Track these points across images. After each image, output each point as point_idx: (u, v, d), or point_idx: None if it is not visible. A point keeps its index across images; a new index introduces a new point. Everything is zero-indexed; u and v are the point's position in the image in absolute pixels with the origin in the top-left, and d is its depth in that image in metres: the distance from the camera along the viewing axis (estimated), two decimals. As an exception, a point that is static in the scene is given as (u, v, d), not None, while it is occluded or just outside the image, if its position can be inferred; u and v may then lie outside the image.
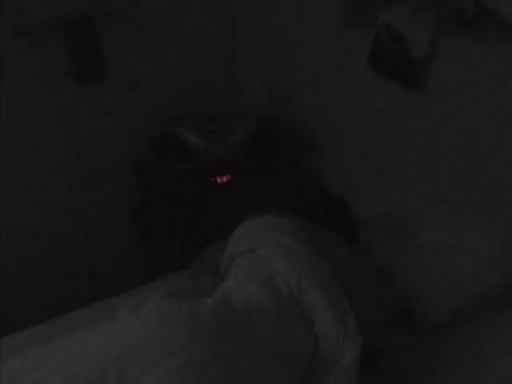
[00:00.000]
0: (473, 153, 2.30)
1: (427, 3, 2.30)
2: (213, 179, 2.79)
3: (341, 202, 2.20)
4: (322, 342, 1.65)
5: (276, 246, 1.89)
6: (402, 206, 2.32)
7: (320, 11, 2.71)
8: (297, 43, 2.90)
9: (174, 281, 2.23)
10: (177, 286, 1.96)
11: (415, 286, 1.94)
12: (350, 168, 2.81)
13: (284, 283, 1.76)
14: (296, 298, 1.73)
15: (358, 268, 1.86)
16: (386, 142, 2.62)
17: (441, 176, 2.42)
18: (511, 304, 1.96)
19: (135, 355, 1.52)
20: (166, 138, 2.80)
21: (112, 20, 2.66)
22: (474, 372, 1.72)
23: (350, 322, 1.63)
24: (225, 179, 2.78)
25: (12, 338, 1.98)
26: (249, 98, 3.25)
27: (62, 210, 2.80)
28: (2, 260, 2.65)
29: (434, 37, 2.30)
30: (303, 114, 2.99)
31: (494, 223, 2.15)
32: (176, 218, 2.79)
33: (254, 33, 3.13)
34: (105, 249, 2.92)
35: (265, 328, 1.64)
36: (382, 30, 2.46)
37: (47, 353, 1.71)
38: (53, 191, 2.75)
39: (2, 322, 2.23)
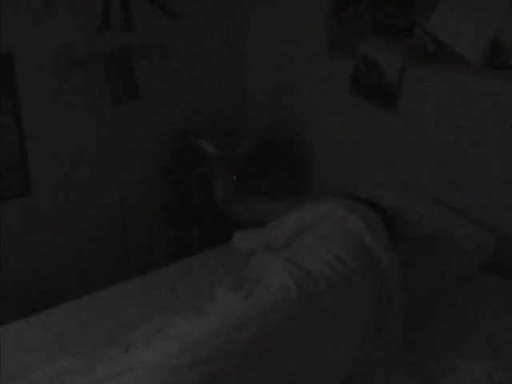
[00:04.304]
0: (433, 157, 2.57)
1: (397, 38, 2.56)
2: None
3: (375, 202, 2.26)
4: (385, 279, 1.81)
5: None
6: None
7: (313, 46, 2.94)
8: (294, 71, 3.09)
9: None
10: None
11: None
12: (336, 172, 3.00)
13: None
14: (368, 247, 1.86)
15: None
16: (366, 151, 2.84)
17: (410, 175, 2.66)
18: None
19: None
20: (187, 147, 2.98)
21: (143, 51, 2.85)
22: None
23: None
24: (233, 181, 2.77)
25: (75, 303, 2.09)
26: (254, 116, 3.39)
27: (104, 205, 2.95)
28: (57, 248, 2.83)
29: (403, 66, 2.57)
30: (298, 129, 3.15)
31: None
32: (195, 212, 2.99)
33: (259, 63, 3.28)
34: (138, 236, 3.05)
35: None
36: (361, 61, 2.70)
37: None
38: (96, 189, 2.91)
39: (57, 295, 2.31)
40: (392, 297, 1.83)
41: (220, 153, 2.91)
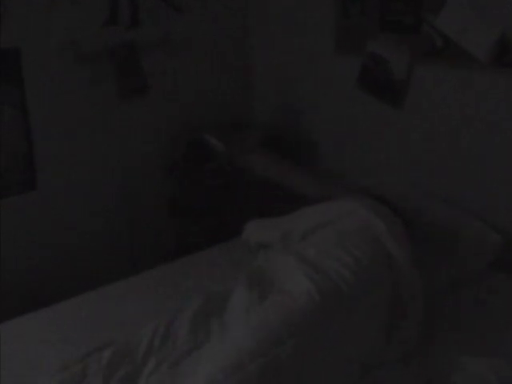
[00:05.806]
0: (438, 154, 2.57)
1: (405, 35, 2.56)
2: (229, 176, 2.91)
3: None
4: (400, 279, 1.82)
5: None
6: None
7: (319, 42, 2.93)
8: (301, 67, 3.08)
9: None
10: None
11: None
12: (340, 170, 2.96)
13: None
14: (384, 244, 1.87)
15: None
16: (372, 149, 2.84)
17: (414, 171, 2.66)
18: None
19: None
20: (193, 143, 2.97)
21: (149, 46, 2.85)
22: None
23: None
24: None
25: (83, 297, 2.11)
26: (259, 112, 3.39)
27: (108, 202, 2.95)
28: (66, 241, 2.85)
29: (411, 63, 2.57)
30: (304, 126, 3.14)
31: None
32: (200, 209, 3.01)
33: (265, 59, 3.29)
34: (143, 233, 3.06)
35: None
36: (369, 57, 2.70)
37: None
38: (101, 185, 2.91)
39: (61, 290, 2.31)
40: (410, 298, 1.82)
41: (225, 148, 2.90)
